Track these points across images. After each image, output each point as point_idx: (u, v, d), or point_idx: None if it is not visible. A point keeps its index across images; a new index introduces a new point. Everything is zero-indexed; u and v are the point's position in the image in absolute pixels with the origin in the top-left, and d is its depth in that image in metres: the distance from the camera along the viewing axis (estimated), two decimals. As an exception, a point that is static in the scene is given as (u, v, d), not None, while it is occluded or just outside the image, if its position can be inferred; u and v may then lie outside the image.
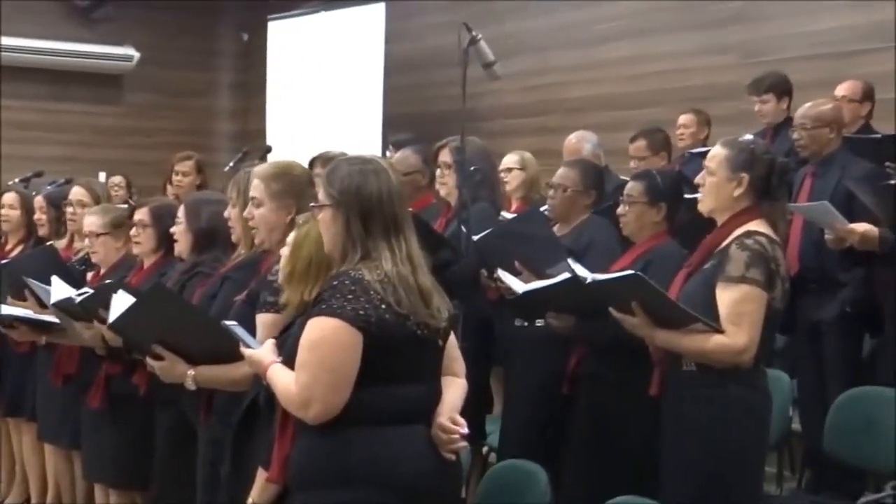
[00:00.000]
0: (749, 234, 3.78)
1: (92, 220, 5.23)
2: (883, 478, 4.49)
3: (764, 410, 3.86)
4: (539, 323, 4.82)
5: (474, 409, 5.25)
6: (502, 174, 6.25)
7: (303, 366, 3.01)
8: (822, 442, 4.87)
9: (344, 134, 10.68)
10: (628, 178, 5.02)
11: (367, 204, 3.08)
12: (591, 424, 4.59)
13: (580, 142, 6.79)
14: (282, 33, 12.19)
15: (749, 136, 4.02)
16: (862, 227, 4.96)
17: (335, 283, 3.02)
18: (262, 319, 3.69)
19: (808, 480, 5.73)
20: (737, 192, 3.86)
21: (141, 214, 4.94)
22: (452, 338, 3.28)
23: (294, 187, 3.92)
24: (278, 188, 3.92)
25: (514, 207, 5.98)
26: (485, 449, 5.76)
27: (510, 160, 6.27)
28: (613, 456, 4.47)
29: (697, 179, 3.99)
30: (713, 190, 3.91)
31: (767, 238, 3.78)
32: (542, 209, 5.29)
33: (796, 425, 5.70)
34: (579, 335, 4.53)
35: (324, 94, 11.54)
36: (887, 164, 5.52)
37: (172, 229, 4.62)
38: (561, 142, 6.96)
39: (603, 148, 6.90)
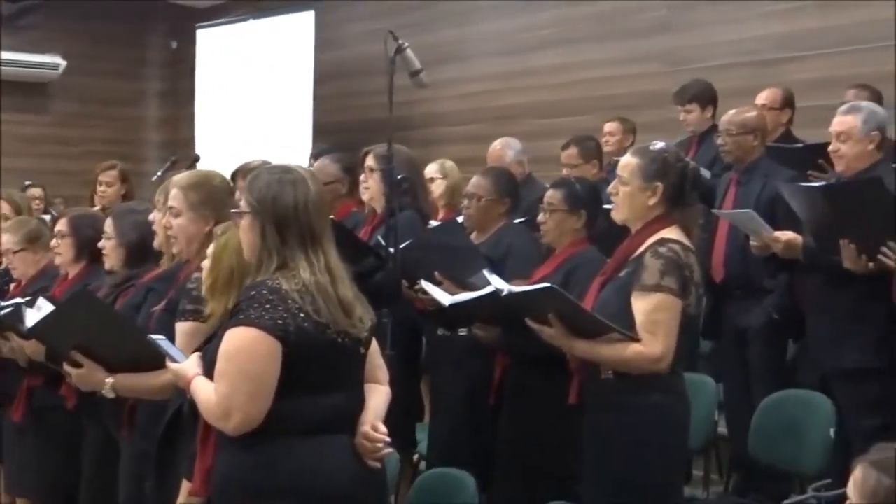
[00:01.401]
0: (663, 241, 3.79)
1: (7, 238, 5.18)
2: (807, 480, 4.54)
3: (682, 416, 3.89)
4: (462, 332, 4.84)
5: (404, 417, 5.29)
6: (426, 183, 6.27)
7: (222, 377, 2.99)
8: (747, 445, 4.93)
9: (274, 142, 10.63)
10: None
11: (282, 213, 3.07)
12: (516, 433, 4.61)
13: (504, 148, 6.83)
14: (211, 42, 12.12)
15: (661, 144, 4.02)
16: (786, 235, 5.01)
17: (252, 292, 3.00)
18: (182, 328, 3.65)
19: (735, 483, 5.78)
20: (651, 201, 3.87)
21: (60, 225, 4.89)
22: (375, 345, 3.28)
23: (213, 198, 3.89)
24: (197, 198, 3.89)
25: (440, 215, 6.00)
26: (415, 457, 5.75)
27: (431, 169, 6.30)
28: (540, 464, 4.49)
29: (610, 189, 4.00)
30: (627, 199, 3.91)
31: (681, 245, 3.79)
32: (458, 218, 5.32)
33: (723, 429, 5.76)
34: (504, 345, 4.55)
35: (253, 102, 11.48)
36: (810, 172, 5.61)
37: (101, 243, 4.57)
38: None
39: (533, 156, 6.95)
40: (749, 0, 8.12)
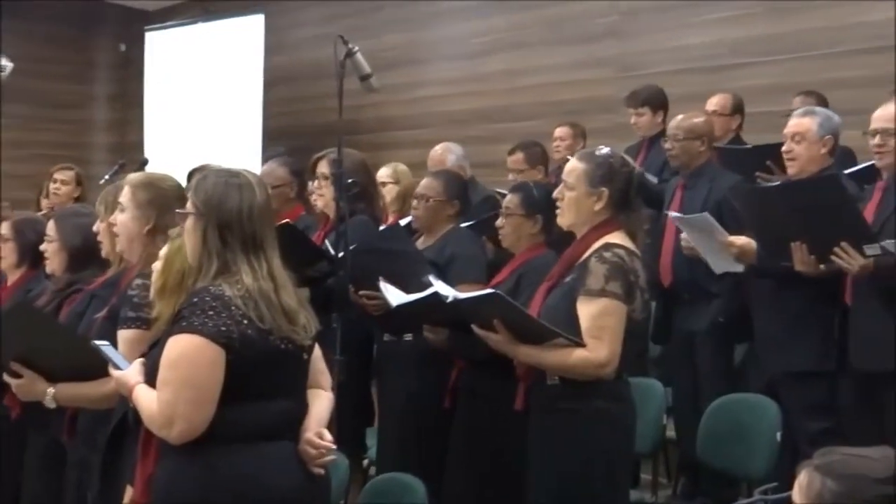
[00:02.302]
0: (608, 246, 3.79)
1: None
2: (755, 483, 4.56)
3: (628, 421, 3.89)
4: (407, 338, 4.83)
5: (354, 421, 5.27)
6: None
7: (164, 384, 2.96)
8: (695, 449, 4.95)
9: (223, 146, 10.59)
10: (497, 190, 5.06)
11: (226, 217, 3.05)
12: (467, 438, 4.60)
13: (444, 153, 6.83)
14: (160, 44, 12.06)
15: (606, 149, 4.02)
16: (741, 239, 5.03)
17: (195, 299, 2.98)
18: (124, 336, 3.61)
19: (683, 487, 5.81)
20: (597, 207, 3.86)
21: (3, 229, 4.83)
22: (318, 350, 3.26)
23: (158, 199, 3.85)
24: (143, 198, 3.85)
25: (391, 220, 5.99)
26: (365, 462, 5.74)
27: (383, 174, 6.30)
28: (490, 469, 4.48)
29: (555, 194, 3.99)
30: (573, 205, 3.91)
31: (626, 250, 3.79)
32: (403, 222, 5.31)
33: (671, 433, 5.79)
34: (453, 349, 4.54)
35: (203, 106, 11.43)
36: (757, 174, 5.65)
37: (43, 246, 4.51)
38: (434, 154, 6.99)
39: (483, 160, 6.97)
40: (699, 7, 8.19)
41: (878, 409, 4.57)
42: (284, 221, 4.78)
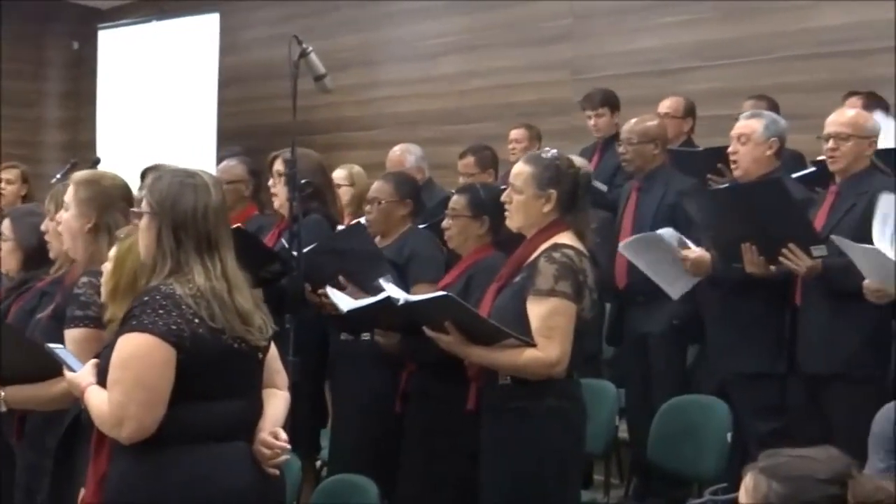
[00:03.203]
0: (556, 247, 3.81)
1: None
2: (706, 483, 4.60)
3: (578, 420, 3.92)
4: (365, 337, 4.83)
5: (308, 422, 5.26)
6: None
7: (115, 384, 2.94)
8: (647, 450, 4.99)
9: (177, 146, 10.52)
10: (454, 191, 5.06)
11: (181, 217, 3.04)
12: (420, 439, 4.60)
13: (403, 154, 6.85)
14: (113, 43, 11.94)
15: (553, 151, 4.05)
16: (694, 253, 5.07)
17: (146, 298, 2.96)
18: (71, 335, 3.58)
19: (635, 488, 5.84)
20: (545, 208, 3.89)
21: None
22: (273, 350, 3.25)
23: (99, 198, 3.83)
24: (84, 195, 3.82)
25: (347, 222, 5.99)
26: (318, 462, 5.73)
27: (339, 176, 6.30)
28: (443, 470, 4.49)
29: (504, 197, 4.01)
30: (521, 207, 3.93)
31: (575, 250, 3.82)
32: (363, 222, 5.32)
33: (624, 434, 5.83)
34: (405, 352, 4.55)
35: (156, 105, 11.34)
36: (709, 176, 5.70)
37: None
38: (396, 155, 6.99)
39: (437, 162, 6.98)
40: (652, 11, 8.25)
41: (825, 410, 4.62)
42: (235, 226, 4.77)
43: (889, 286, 4.26)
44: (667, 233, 5.11)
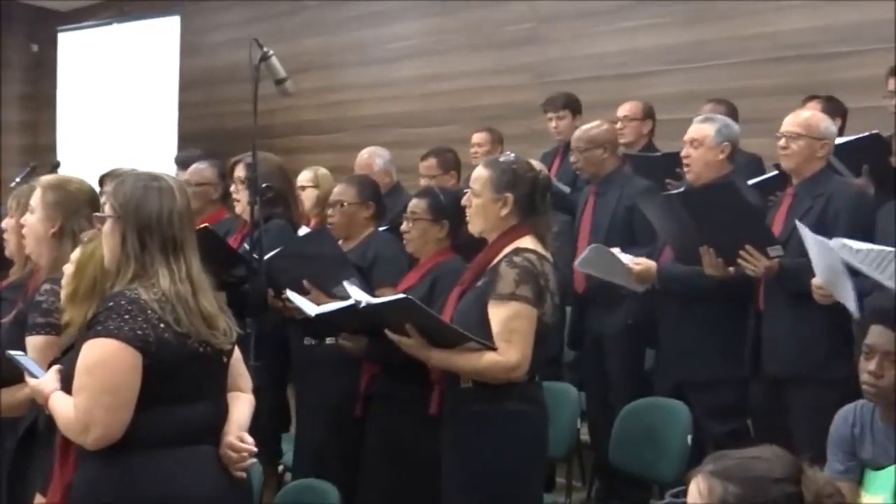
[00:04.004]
0: (518, 251, 3.81)
1: None
2: (667, 486, 4.61)
3: (540, 424, 3.92)
4: (329, 341, 4.82)
5: (270, 427, 5.24)
6: (297, 192, 6.24)
7: (81, 390, 2.92)
8: (609, 453, 5.00)
9: (138, 149, 10.47)
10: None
11: (145, 221, 3.03)
12: (383, 443, 4.59)
13: (371, 157, 6.84)
14: (73, 45, 11.90)
15: (511, 155, 4.07)
16: (638, 266, 5.09)
17: (111, 303, 2.95)
18: (33, 342, 3.56)
19: (597, 490, 5.86)
20: (503, 212, 3.89)
21: None
22: (237, 353, 3.24)
23: (65, 202, 3.82)
24: (50, 199, 3.82)
25: (312, 224, 5.98)
26: (280, 468, 5.71)
27: (304, 178, 6.29)
28: (405, 474, 4.48)
29: (464, 201, 4.02)
30: (480, 211, 3.94)
31: (536, 255, 3.82)
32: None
33: (586, 437, 5.84)
34: (371, 355, 4.54)
35: (117, 108, 11.30)
36: (668, 180, 5.73)
37: None
38: (356, 159, 6.98)
39: (398, 165, 6.96)
40: (614, 15, 8.28)
41: (787, 412, 4.65)
42: (203, 226, 4.75)
43: (831, 291, 4.32)
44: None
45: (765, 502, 2.06)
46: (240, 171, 5.39)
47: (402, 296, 4.00)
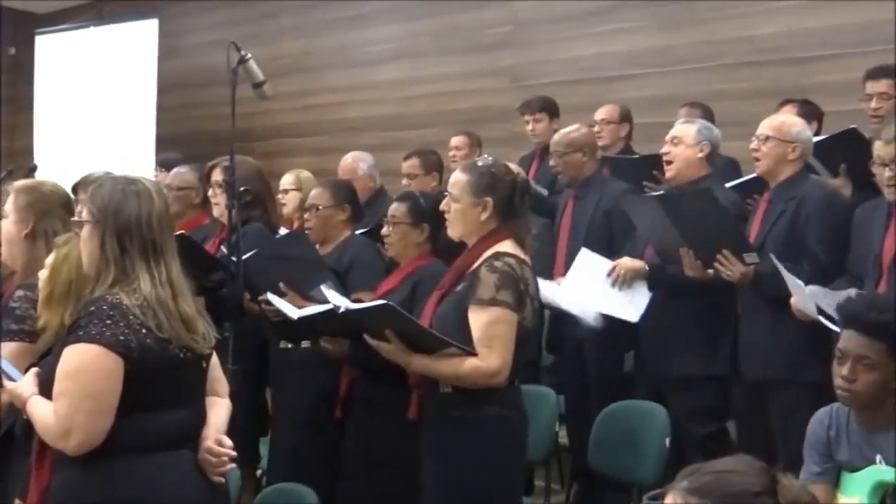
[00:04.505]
0: (498, 255, 3.81)
1: None
2: (645, 489, 4.63)
3: (520, 429, 3.91)
4: (305, 344, 4.82)
5: (248, 431, 5.24)
6: (280, 195, 6.24)
7: (61, 395, 2.92)
8: (587, 456, 5.02)
9: (116, 152, 10.45)
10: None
11: (124, 225, 3.03)
12: (362, 447, 4.60)
13: (355, 162, 6.84)
14: (51, 48, 11.85)
15: (489, 159, 4.07)
16: (624, 266, 5.13)
17: (92, 308, 2.95)
18: (7, 349, 3.54)
19: (576, 494, 5.87)
20: (483, 216, 3.89)
21: None
22: (215, 358, 3.24)
23: (38, 204, 3.81)
24: (23, 202, 3.81)
25: (295, 227, 5.98)
26: (258, 472, 5.70)
27: (286, 181, 6.29)
28: (384, 478, 4.48)
29: (443, 206, 4.02)
30: (459, 216, 3.94)
31: (516, 259, 3.82)
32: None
33: (565, 440, 5.85)
34: (353, 358, 4.54)
35: (95, 111, 11.27)
36: (645, 183, 5.76)
37: None
38: (336, 162, 6.98)
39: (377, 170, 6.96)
40: (591, 19, 8.31)
41: (767, 415, 4.67)
42: (179, 233, 4.75)
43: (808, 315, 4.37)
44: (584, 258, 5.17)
45: None
46: (217, 175, 5.39)
47: (381, 302, 4.00)
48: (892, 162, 4.31)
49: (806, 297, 4.29)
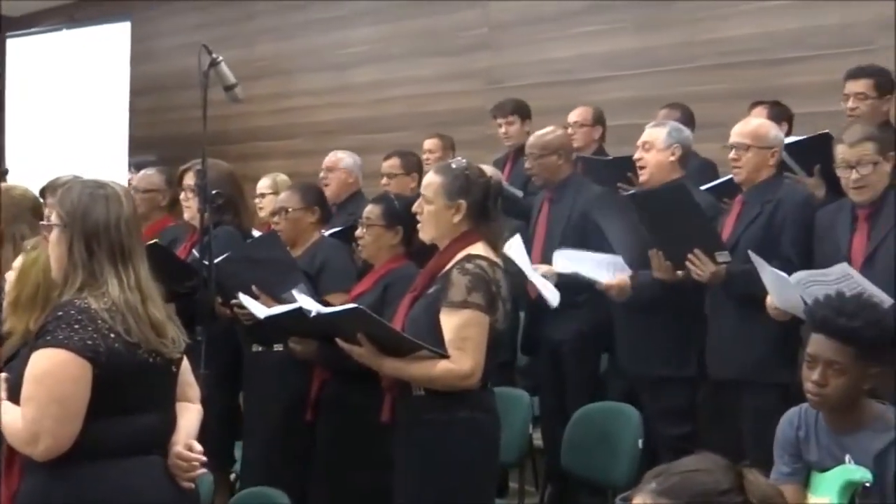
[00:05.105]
0: (470, 258, 3.81)
1: None
2: (619, 490, 4.63)
3: (492, 431, 3.92)
4: (277, 347, 4.81)
5: (221, 435, 5.21)
6: (256, 200, 6.23)
7: (29, 400, 2.90)
8: (561, 458, 5.02)
9: (88, 156, 10.40)
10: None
11: (92, 228, 3.01)
12: (333, 450, 4.59)
13: (340, 154, 6.84)
14: (22, 51, 11.78)
15: (463, 161, 4.07)
16: (614, 283, 5.12)
17: (60, 312, 2.93)
18: None
19: (550, 495, 5.87)
20: (456, 219, 3.89)
21: None
22: (185, 363, 3.23)
23: (6, 207, 3.80)
24: None
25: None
26: (232, 476, 5.68)
27: (263, 185, 6.28)
28: (357, 482, 4.48)
29: (415, 208, 4.02)
30: (432, 218, 3.93)
31: (488, 261, 3.83)
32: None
33: (539, 442, 5.85)
34: (321, 359, 4.53)
35: (67, 114, 11.21)
36: (619, 184, 5.76)
37: None
38: (311, 164, 6.98)
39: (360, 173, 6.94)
40: (565, 21, 8.32)
41: (734, 415, 4.68)
42: (152, 241, 4.73)
43: (788, 311, 4.36)
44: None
45: None
46: (188, 179, 5.38)
47: (352, 305, 3.99)
48: (857, 164, 4.34)
49: (792, 288, 4.26)
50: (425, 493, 3.81)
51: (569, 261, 5.33)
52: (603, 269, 5.22)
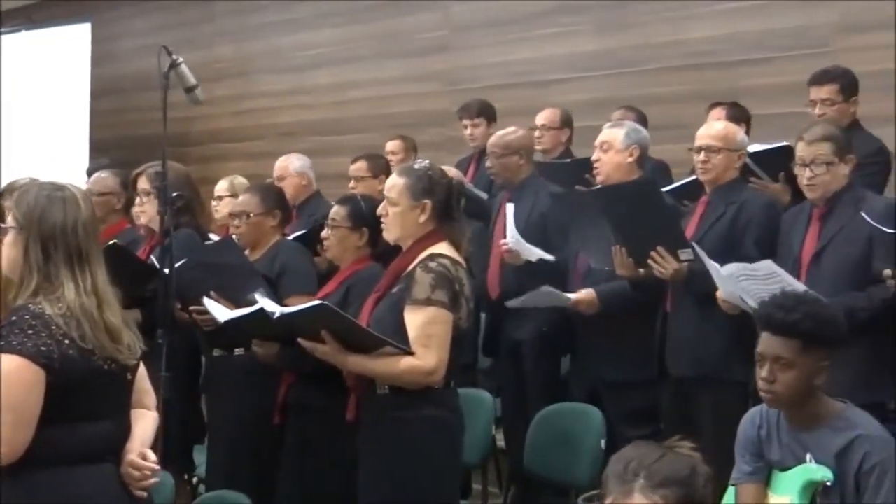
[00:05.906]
0: (433, 256, 3.84)
1: None
2: (581, 490, 4.65)
3: (456, 429, 3.93)
4: (238, 352, 4.79)
5: (182, 438, 5.19)
6: (214, 202, 6.20)
7: None
8: (524, 459, 5.03)
9: (48, 158, 10.34)
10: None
11: (49, 231, 2.97)
12: (300, 452, 4.58)
13: (287, 160, 6.83)
14: (-20, 53, 11.70)
15: (425, 162, 4.09)
16: (582, 298, 5.11)
17: (14, 318, 2.88)
18: None
19: (513, 496, 5.88)
20: (421, 219, 3.92)
21: None
22: (142, 369, 3.19)
23: None
24: None
25: (230, 233, 5.92)
26: (195, 479, 5.66)
27: (220, 187, 6.24)
28: (323, 484, 4.47)
29: (380, 210, 4.04)
30: (398, 219, 3.96)
31: (451, 260, 3.85)
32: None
33: (502, 443, 5.86)
34: (284, 362, 4.52)
35: (27, 116, 11.13)
36: (578, 186, 5.77)
37: None
38: (272, 167, 6.96)
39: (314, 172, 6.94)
40: (526, 24, 8.35)
41: (694, 413, 4.70)
42: (112, 242, 4.69)
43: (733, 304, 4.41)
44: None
45: (700, 495, 2.30)
46: (143, 183, 5.31)
47: (318, 302, 4.00)
48: (811, 163, 4.38)
49: (725, 280, 4.31)
50: (389, 490, 3.81)
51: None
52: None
